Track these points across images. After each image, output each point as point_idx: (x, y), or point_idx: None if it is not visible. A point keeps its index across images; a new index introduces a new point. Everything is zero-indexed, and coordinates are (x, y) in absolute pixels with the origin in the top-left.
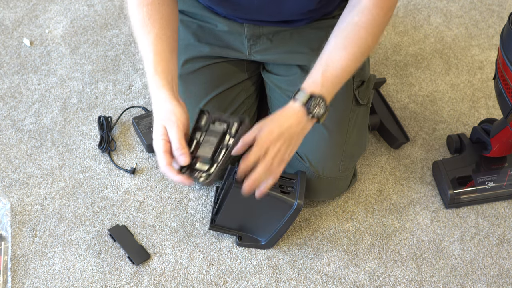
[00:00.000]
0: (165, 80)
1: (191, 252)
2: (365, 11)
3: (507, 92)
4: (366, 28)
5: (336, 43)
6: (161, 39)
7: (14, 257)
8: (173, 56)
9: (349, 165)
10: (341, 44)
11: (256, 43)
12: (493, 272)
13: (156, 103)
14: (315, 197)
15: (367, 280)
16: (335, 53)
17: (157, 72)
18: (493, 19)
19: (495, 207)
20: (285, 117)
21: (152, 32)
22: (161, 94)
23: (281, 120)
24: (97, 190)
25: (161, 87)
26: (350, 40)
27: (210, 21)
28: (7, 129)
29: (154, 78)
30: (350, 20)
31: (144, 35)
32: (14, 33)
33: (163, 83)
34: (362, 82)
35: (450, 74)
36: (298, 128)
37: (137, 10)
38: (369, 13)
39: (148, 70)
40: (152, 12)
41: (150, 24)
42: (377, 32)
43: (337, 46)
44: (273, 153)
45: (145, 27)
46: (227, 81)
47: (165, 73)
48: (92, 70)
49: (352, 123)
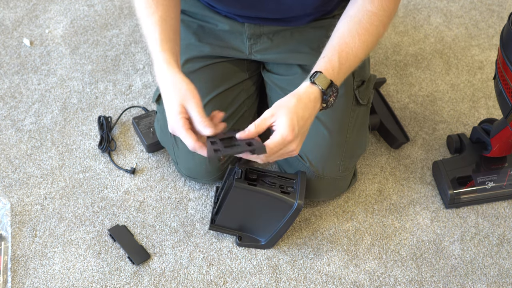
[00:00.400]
0: (173, 57)
1: (191, 252)
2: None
3: (507, 92)
4: (378, 16)
5: (350, 29)
6: (165, 20)
7: (14, 257)
8: (177, 38)
9: (349, 165)
10: (355, 31)
11: (257, 43)
12: (493, 272)
13: (166, 80)
14: (315, 197)
15: (367, 280)
16: (350, 39)
17: (164, 49)
18: (493, 19)
19: (495, 207)
20: (304, 106)
21: (156, 13)
22: (171, 70)
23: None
24: (97, 190)
25: (170, 63)
26: (364, 27)
27: (210, 20)
28: (7, 129)
29: (160, 54)
30: (362, 8)
31: (148, 15)
32: (14, 33)
33: (172, 60)
34: (362, 82)
35: (450, 74)
36: (312, 117)
37: None
38: (380, 2)
39: (153, 48)
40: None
41: (154, 5)
42: (387, 21)
43: (351, 33)
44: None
45: (149, 8)
46: (227, 80)
47: (171, 51)
48: (92, 70)
49: (352, 123)
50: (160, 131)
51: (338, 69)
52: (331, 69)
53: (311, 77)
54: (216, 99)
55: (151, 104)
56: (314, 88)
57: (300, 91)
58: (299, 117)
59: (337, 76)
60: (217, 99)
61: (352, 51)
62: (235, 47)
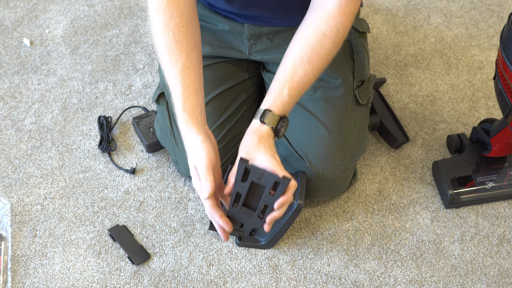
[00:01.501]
0: (193, 116)
1: (191, 252)
2: (330, 20)
3: (507, 92)
4: (331, 38)
5: (301, 56)
6: (188, 69)
7: (14, 257)
8: (200, 85)
9: (349, 165)
10: (306, 58)
11: (257, 43)
12: (493, 272)
13: (187, 142)
14: (315, 197)
15: (367, 280)
16: (300, 68)
17: (186, 109)
18: (493, 19)
19: (495, 207)
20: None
21: (180, 61)
22: (190, 132)
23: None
24: (97, 190)
25: (190, 124)
26: (316, 52)
27: (210, 21)
28: (7, 129)
29: (182, 114)
30: (316, 29)
31: (172, 64)
32: (14, 33)
33: (192, 120)
34: (362, 82)
35: (450, 74)
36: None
37: (162, 34)
38: (334, 22)
39: (176, 105)
40: (178, 37)
41: (177, 51)
42: (340, 41)
43: (302, 60)
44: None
45: (173, 55)
46: (227, 81)
47: (193, 108)
48: (92, 70)
49: (352, 123)
50: (160, 131)
51: (288, 102)
52: (280, 105)
53: (261, 116)
54: (216, 99)
55: (151, 104)
56: (265, 126)
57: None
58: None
59: (287, 108)
60: (217, 99)
61: (302, 80)
62: (234, 47)
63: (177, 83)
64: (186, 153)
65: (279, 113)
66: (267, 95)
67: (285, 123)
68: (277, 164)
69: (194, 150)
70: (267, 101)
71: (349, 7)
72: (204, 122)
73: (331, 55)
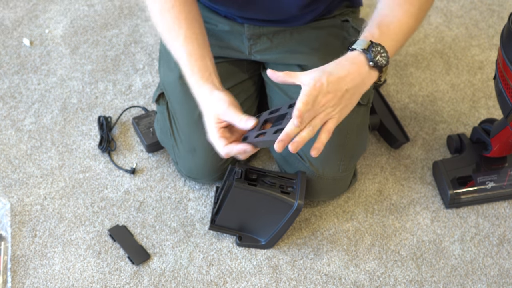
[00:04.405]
0: (204, 77)
1: (191, 252)
2: None
3: (507, 92)
4: None
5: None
6: (190, 38)
7: (14, 257)
8: (207, 51)
9: (349, 165)
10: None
11: (257, 43)
12: (493, 272)
13: (202, 100)
14: (315, 197)
15: (367, 280)
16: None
17: (194, 72)
18: (493, 19)
19: (495, 207)
20: (341, 67)
21: (181, 34)
22: (203, 90)
23: (336, 69)
24: (97, 190)
25: (201, 84)
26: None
27: (210, 21)
28: (7, 129)
29: (192, 78)
30: None
31: (174, 39)
32: (14, 33)
33: (203, 81)
34: None
35: (450, 74)
36: (359, 78)
37: (160, 17)
38: None
39: (185, 72)
40: (176, 15)
41: (177, 26)
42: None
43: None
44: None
45: (173, 31)
46: (227, 81)
47: (202, 71)
48: (92, 70)
49: (352, 123)
50: (160, 131)
51: (379, 35)
52: (370, 36)
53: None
54: None
55: (151, 104)
56: (352, 52)
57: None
58: (328, 72)
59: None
60: None
61: (394, 20)
62: (235, 47)
63: (182, 53)
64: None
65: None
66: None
67: (379, 51)
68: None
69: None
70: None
71: None
72: (217, 83)
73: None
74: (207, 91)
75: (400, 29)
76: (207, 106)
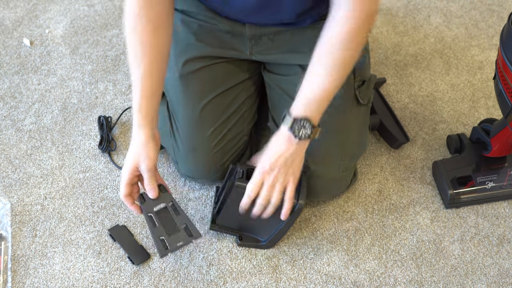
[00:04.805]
0: (146, 119)
1: (191, 252)
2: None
3: (507, 92)
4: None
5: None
6: (149, 73)
7: (14, 257)
8: (159, 90)
9: (349, 164)
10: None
11: (257, 43)
12: (493, 272)
13: (134, 138)
14: (315, 197)
15: (367, 280)
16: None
17: (141, 111)
18: (493, 19)
19: (495, 207)
20: (276, 145)
21: (141, 65)
22: (140, 136)
23: (273, 150)
24: (97, 190)
25: (141, 126)
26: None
27: (211, 21)
28: (7, 129)
29: (137, 115)
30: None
31: (135, 66)
32: (14, 33)
33: (144, 123)
34: (363, 82)
35: (450, 74)
36: (289, 152)
37: (130, 37)
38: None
39: (134, 104)
40: (143, 41)
41: (140, 55)
42: (361, 43)
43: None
44: (267, 186)
45: (136, 58)
46: (227, 81)
47: (147, 112)
48: (92, 70)
49: (353, 122)
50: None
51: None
52: (295, 107)
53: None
54: (216, 99)
55: None
56: (283, 127)
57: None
58: (272, 152)
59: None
60: (217, 99)
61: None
62: (235, 47)
63: (137, 85)
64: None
65: (294, 114)
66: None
67: (303, 124)
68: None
69: (140, 148)
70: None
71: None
72: (155, 125)
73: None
74: (143, 138)
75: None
76: (133, 148)
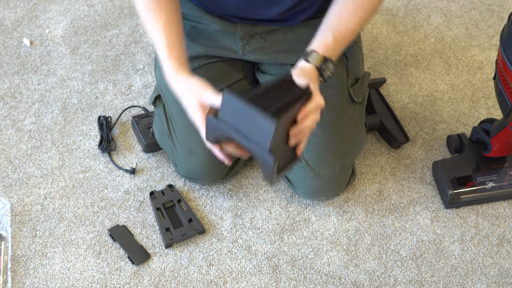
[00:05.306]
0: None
1: (191, 252)
2: None
3: (507, 92)
4: None
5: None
6: (170, 25)
7: (14, 257)
8: (182, 40)
9: (346, 163)
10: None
11: (250, 43)
12: (493, 272)
13: (180, 87)
14: (314, 196)
15: (367, 280)
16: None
17: (172, 56)
18: (493, 19)
19: (495, 207)
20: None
21: (160, 21)
22: (179, 77)
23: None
24: (97, 190)
25: (177, 70)
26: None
27: (202, 21)
28: (7, 129)
29: (169, 62)
30: None
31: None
32: (14, 33)
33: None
34: (356, 79)
35: (450, 74)
36: None
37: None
38: None
39: (162, 56)
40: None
41: (158, 15)
42: None
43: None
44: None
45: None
46: (222, 81)
47: (179, 56)
48: (92, 70)
49: (348, 121)
50: (159, 133)
51: (333, 46)
52: (325, 47)
53: (306, 56)
54: None
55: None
56: (309, 65)
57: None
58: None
59: (332, 51)
60: None
61: (347, 27)
62: (228, 47)
63: (161, 37)
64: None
65: (324, 54)
66: (312, 40)
67: (329, 65)
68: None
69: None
70: (312, 44)
71: None
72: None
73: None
74: (186, 77)
75: (350, 38)
76: (187, 93)
